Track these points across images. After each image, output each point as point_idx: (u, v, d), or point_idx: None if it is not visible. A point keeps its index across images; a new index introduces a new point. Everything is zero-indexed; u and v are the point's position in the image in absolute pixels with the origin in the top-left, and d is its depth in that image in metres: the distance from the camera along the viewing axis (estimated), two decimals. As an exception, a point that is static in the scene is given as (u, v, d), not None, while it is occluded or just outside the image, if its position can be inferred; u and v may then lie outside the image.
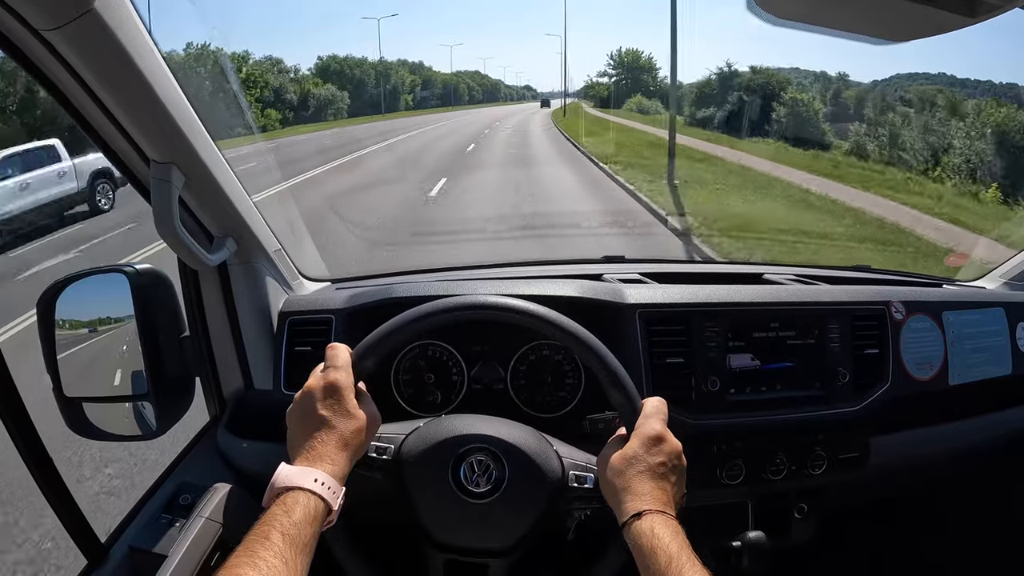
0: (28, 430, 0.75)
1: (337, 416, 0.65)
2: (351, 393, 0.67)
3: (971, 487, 1.25)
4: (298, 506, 0.57)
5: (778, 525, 1.01)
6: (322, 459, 0.62)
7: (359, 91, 37.98)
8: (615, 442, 0.70)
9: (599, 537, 0.72)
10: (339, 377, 0.67)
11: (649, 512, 0.62)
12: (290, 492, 0.59)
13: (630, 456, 0.67)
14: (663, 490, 0.65)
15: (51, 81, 0.67)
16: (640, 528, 0.61)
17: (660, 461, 0.66)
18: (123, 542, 0.83)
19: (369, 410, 0.68)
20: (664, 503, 0.64)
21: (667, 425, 0.70)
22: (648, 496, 0.64)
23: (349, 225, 6.44)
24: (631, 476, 0.65)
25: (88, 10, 0.58)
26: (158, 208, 0.75)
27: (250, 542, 0.54)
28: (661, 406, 0.71)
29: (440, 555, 0.74)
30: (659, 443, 0.67)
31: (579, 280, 1.02)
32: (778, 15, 0.64)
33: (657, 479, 0.65)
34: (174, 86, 0.72)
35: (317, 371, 0.69)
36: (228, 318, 0.94)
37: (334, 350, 0.70)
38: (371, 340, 0.72)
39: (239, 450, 0.92)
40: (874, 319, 1.04)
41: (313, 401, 0.66)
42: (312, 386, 0.67)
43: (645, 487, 0.64)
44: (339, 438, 0.64)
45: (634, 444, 0.67)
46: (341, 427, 0.64)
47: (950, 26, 0.60)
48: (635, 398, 0.71)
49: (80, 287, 0.88)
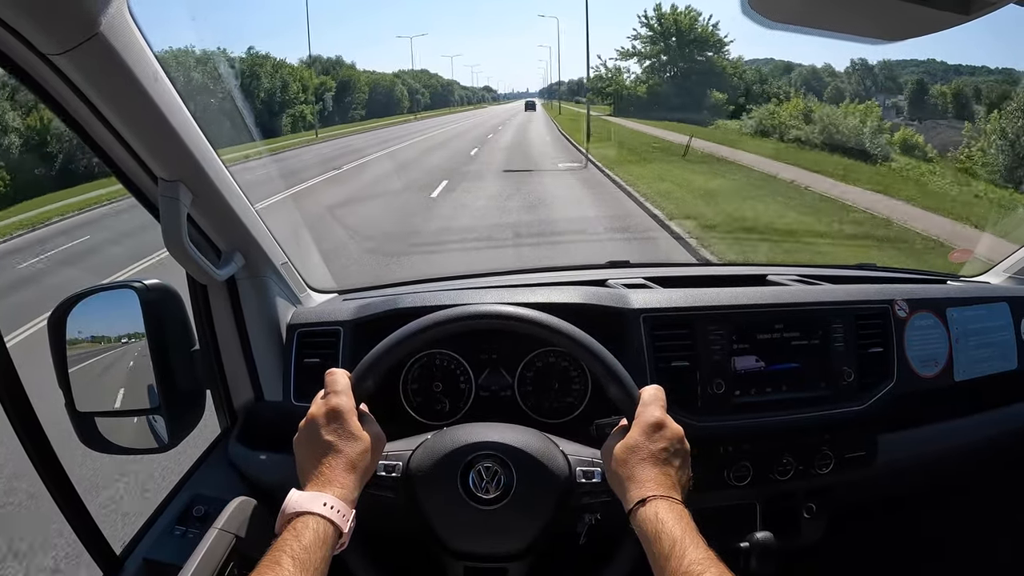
0: (42, 444, 0.76)
1: (342, 440, 0.66)
2: (354, 416, 0.68)
3: (981, 482, 1.25)
4: (308, 530, 0.58)
5: (787, 525, 1.01)
6: (331, 483, 0.63)
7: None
8: (617, 433, 0.71)
9: (613, 537, 0.73)
10: (340, 402, 0.68)
11: (653, 498, 0.63)
12: (300, 517, 0.60)
13: (632, 445, 0.67)
14: (667, 475, 0.66)
15: (60, 104, 0.68)
16: (645, 514, 0.62)
17: (662, 447, 0.67)
18: (137, 554, 0.84)
19: (373, 431, 0.69)
20: (669, 488, 0.64)
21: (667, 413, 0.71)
22: (652, 482, 0.64)
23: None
24: (634, 464, 0.66)
25: (94, 34, 0.60)
26: (167, 225, 0.76)
27: (262, 568, 0.55)
28: (659, 393, 0.72)
29: (458, 563, 0.75)
30: (659, 429, 0.68)
31: (583, 286, 1.03)
32: (773, 18, 0.65)
33: (660, 465, 0.66)
34: (179, 105, 0.73)
35: (318, 398, 0.70)
36: (238, 331, 0.96)
37: (332, 375, 0.71)
38: (368, 361, 0.73)
39: (253, 461, 0.93)
40: (878, 318, 1.04)
41: (317, 428, 0.67)
42: (315, 413, 0.68)
43: (649, 474, 0.65)
44: (346, 461, 0.65)
45: (635, 433, 0.68)
46: (347, 450, 0.66)
47: (945, 24, 0.60)
48: (632, 388, 0.72)
49: (90, 303, 0.89)
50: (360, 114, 32.17)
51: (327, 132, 24.94)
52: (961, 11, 0.56)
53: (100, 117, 0.69)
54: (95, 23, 0.59)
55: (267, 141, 19.96)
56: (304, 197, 9.13)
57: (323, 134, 23.92)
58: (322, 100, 28.65)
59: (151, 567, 0.83)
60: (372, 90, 34.20)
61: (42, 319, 0.92)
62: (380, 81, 35.68)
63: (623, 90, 24.23)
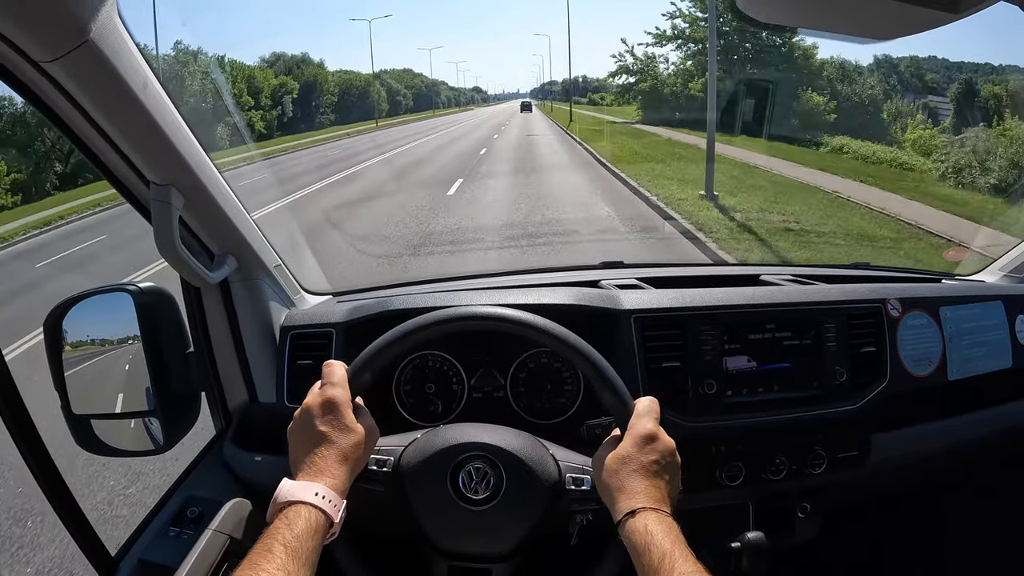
0: (37, 447, 0.77)
1: (336, 431, 0.67)
2: (348, 408, 0.69)
3: (974, 481, 1.25)
4: (300, 519, 0.59)
5: (781, 525, 1.01)
6: (323, 473, 0.64)
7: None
8: (609, 443, 0.72)
9: (602, 541, 0.73)
10: (336, 393, 0.69)
11: (643, 510, 0.63)
12: (292, 506, 0.60)
13: (623, 456, 0.68)
14: (657, 488, 0.66)
15: (52, 110, 0.69)
16: (634, 526, 0.62)
17: (653, 459, 0.67)
18: (132, 556, 0.85)
19: (367, 424, 0.70)
20: (658, 500, 0.65)
21: (661, 425, 0.71)
22: (642, 494, 0.65)
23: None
24: (624, 475, 0.66)
25: (84, 41, 0.60)
26: (159, 228, 0.77)
27: (253, 555, 0.56)
28: (653, 405, 0.73)
29: (443, 561, 0.76)
30: (652, 442, 0.68)
31: (575, 287, 1.04)
32: (763, 18, 0.65)
33: (650, 477, 0.66)
34: (170, 109, 0.73)
35: (315, 388, 0.71)
36: (231, 333, 0.96)
37: (330, 367, 0.72)
38: (365, 356, 0.73)
39: (247, 463, 0.94)
40: (870, 317, 1.04)
41: (312, 418, 0.67)
42: (310, 403, 0.69)
43: (639, 485, 0.65)
44: (339, 452, 0.66)
45: (627, 444, 0.69)
46: (340, 442, 0.66)
47: (935, 23, 0.60)
48: (627, 398, 0.73)
49: (85, 306, 0.90)
50: (329, 119, 28.14)
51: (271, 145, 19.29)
52: (951, 9, 0.57)
53: (92, 122, 0.69)
54: (85, 29, 0.60)
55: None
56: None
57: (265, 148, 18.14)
58: (281, 104, 24.46)
59: (146, 568, 0.84)
60: (344, 92, 30.07)
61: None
62: (353, 81, 31.19)
63: (662, 86, 17.42)
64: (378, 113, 32.54)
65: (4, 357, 0.72)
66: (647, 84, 18.01)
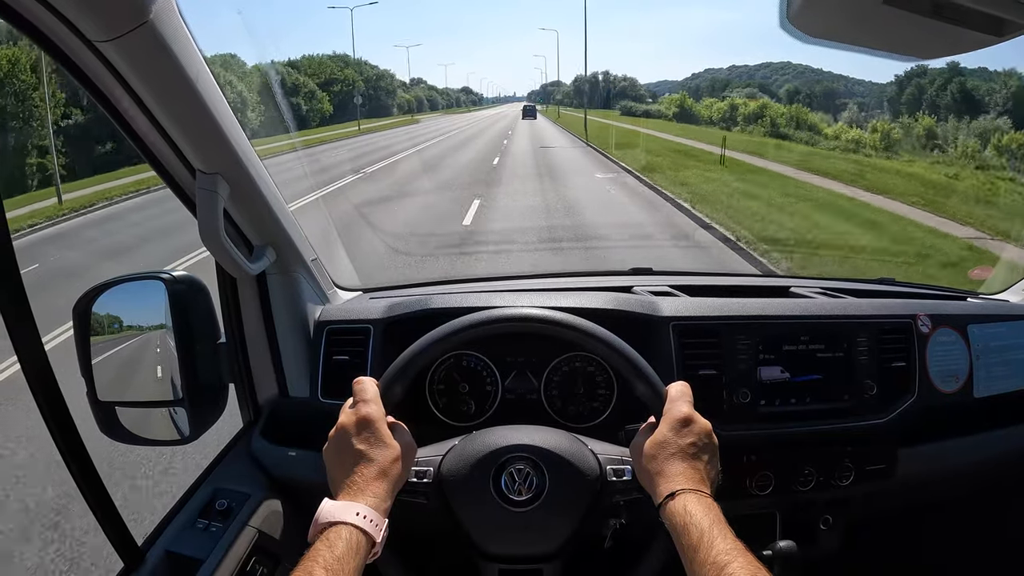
0: (72, 437, 0.75)
1: (373, 448, 0.66)
2: (384, 424, 0.68)
3: (998, 497, 1.26)
4: (340, 540, 0.58)
5: (805, 535, 1.01)
6: (363, 492, 0.63)
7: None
8: (646, 429, 0.72)
9: (638, 543, 0.73)
10: (370, 410, 0.68)
11: (682, 492, 0.63)
12: (333, 527, 0.59)
13: (660, 440, 0.68)
14: (695, 469, 0.66)
15: (101, 91, 0.67)
16: (673, 508, 0.62)
17: (690, 442, 0.68)
18: (159, 546, 0.84)
19: (404, 439, 0.69)
20: (697, 482, 0.65)
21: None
22: (680, 477, 0.65)
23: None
24: (663, 460, 0.67)
25: (144, 22, 0.59)
26: (204, 218, 0.76)
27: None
28: (686, 389, 0.73)
29: (492, 565, 0.75)
30: (687, 424, 0.69)
31: (612, 292, 1.03)
32: (810, 33, 0.65)
33: (688, 459, 0.67)
34: (221, 98, 0.72)
35: (347, 407, 0.70)
36: (265, 326, 0.95)
37: (361, 384, 0.71)
38: (395, 368, 0.73)
39: (276, 457, 0.93)
40: (901, 332, 1.04)
41: (348, 437, 0.66)
42: (345, 423, 0.68)
43: (677, 468, 0.66)
44: (378, 470, 0.65)
45: (663, 428, 0.69)
46: (379, 458, 0.65)
47: (981, 44, 0.60)
48: (659, 385, 0.73)
49: (116, 292, 0.88)
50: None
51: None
52: (994, 32, 0.57)
53: (142, 106, 0.68)
54: (145, 11, 0.58)
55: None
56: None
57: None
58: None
59: (173, 560, 0.83)
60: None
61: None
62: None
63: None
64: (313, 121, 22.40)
65: (44, 345, 0.70)
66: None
